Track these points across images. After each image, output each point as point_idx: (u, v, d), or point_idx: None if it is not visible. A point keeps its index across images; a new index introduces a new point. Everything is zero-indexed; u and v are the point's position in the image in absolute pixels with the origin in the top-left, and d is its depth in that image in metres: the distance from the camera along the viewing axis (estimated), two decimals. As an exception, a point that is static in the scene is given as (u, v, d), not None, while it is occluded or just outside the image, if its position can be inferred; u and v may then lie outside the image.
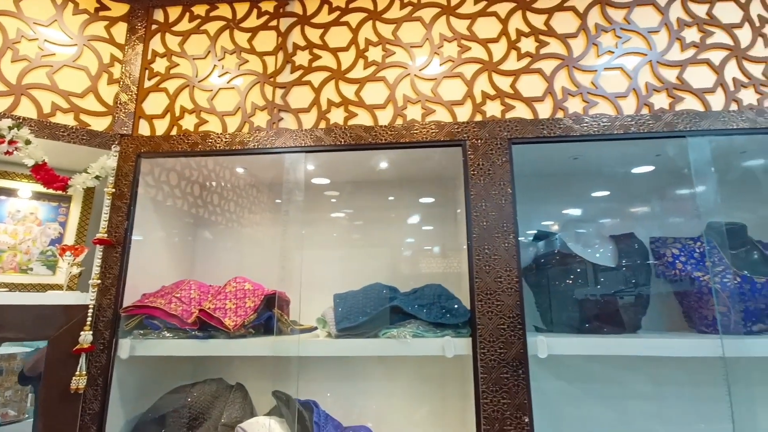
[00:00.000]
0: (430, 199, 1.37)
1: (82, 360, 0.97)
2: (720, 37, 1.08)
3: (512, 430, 0.90)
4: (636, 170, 1.26)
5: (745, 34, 1.07)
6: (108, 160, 1.09)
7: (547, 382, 1.16)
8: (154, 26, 1.22)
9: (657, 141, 1.04)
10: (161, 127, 1.15)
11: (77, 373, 0.96)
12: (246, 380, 1.24)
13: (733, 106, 1.03)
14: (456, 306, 1.05)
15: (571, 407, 1.19)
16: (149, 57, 1.20)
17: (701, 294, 1.08)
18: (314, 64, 1.16)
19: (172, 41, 1.21)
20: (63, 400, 0.96)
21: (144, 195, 1.15)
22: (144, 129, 1.15)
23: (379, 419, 1.21)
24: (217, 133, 1.11)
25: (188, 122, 1.15)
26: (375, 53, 1.15)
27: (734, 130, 1.00)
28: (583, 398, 1.19)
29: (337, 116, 1.12)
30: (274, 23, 1.20)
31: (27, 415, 1.17)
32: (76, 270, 1.10)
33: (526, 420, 0.90)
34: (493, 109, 1.08)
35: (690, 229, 1.18)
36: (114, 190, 1.08)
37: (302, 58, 1.17)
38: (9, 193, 1.17)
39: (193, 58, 1.19)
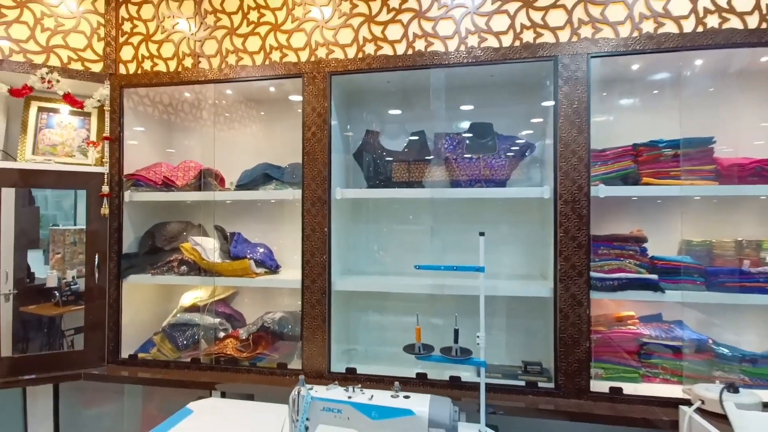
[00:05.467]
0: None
1: (105, 200, 1.85)
2: (466, -3, 1.64)
3: (318, 236, 1.71)
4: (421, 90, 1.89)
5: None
6: (104, 90, 1.86)
7: (340, 213, 1.94)
8: (121, -1, 1.91)
9: (431, 70, 1.67)
10: (132, 68, 1.90)
11: (103, 206, 1.85)
12: (202, 222, 2.13)
13: (462, 47, 1.63)
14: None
15: (357, 231, 2.01)
16: (120, 21, 1.91)
17: (450, 165, 1.78)
18: (217, 24, 1.83)
19: (132, 9, 1.90)
20: (99, 220, 1.86)
21: (130, 111, 1.94)
22: (122, 70, 1.90)
23: (272, 241, 2.08)
24: (164, 72, 1.85)
25: (147, 65, 1.88)
26: (253, 15, 1.80)
27: (464, 63, 1.62)
28: (366, 228, 2.01)
29: (231, 59, 1.81)
30: (192, -5, 1.85)
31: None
32: (97, 155, 1.94)
33: (326, 230, 1.71)
34: (321, 52, 1.74)
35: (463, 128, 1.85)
36: (110, 108, 1.88)
37: (209, 20, 1.83)
38: (55, 111, 1.98)
39: (146, 21, 1.89)
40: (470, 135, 1.81)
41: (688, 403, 1.37)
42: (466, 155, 1.73)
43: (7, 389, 1.79)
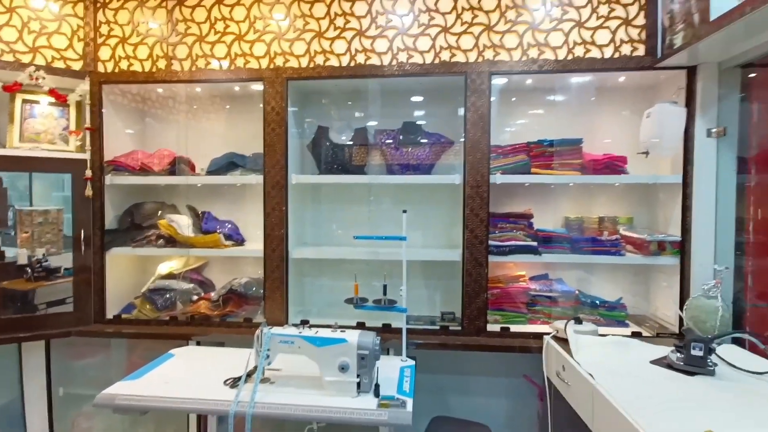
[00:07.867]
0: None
1: (89, 183, 2.13)
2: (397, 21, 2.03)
3: (277, 213, 2.09)
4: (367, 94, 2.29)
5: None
6: (84, 86, 2.12)
7: (297, 195, 2.33)
8: (98, 4, 2.15)
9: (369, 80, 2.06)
10: (110, 67, 2.16)
11: (87, 188, 2.13)
12: (175, 202, 2.45)
13: (394, 62, 2.03)
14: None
15: (310, 209, 2.41)
16: (98, 24, 2.16)
17: (386, 156, 2.19)
18: (188, 32, 2.12)
19: (109, 14, 2.15)
20: (83, 200, 2.14)
21: (107, 102, 2.21)
22: (101, 68, 2.16)
23: (237, 219, 2.44)
24: (139, 71, 2.13)
25: (123, 64, 2.15)
26: (220, 26, 2.11)
27: (396, 74, 2.01)
28: (318, 206, 2.41)
29: (201, 63, 2.12)
30: (164, 4, 2.13)
31: (63, 250, 2.31)
32: (78, 142, 2.21)
33: (284, 208, 2.09)
34: (279, 60, 2.08)
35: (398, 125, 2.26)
36: (90, 102, 2.14)
37: (181, 27, 2.13)
38: (36, 102, 2.21)
39: (122, 25, 2.15)
40: (402, 131, 2.23)
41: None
42: (398, 148, 2.15)
43: (4, 345, 2.06)
